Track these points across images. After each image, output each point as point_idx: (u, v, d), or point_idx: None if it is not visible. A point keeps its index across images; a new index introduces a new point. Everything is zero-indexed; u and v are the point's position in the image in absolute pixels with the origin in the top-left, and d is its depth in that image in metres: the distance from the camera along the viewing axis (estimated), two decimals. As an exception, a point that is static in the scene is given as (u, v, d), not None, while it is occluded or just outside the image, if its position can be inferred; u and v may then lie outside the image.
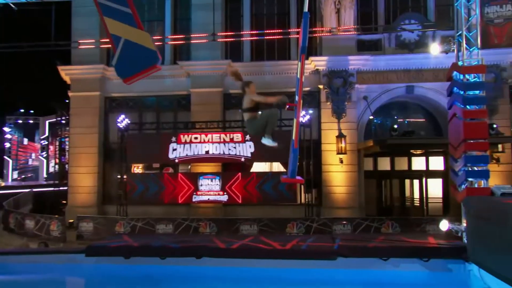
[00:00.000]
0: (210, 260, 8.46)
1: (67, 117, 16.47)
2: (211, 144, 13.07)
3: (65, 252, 9.11)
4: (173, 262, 8.44)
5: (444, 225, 8.27)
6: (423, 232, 10.90)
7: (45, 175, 44.59)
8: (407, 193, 14.54)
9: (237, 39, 14.18)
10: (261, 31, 13.99)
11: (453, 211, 12.55)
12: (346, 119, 13.66)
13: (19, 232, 12.70)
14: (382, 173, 14.50)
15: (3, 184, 36.86)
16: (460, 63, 7.97)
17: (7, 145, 49.87)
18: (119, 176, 13.41)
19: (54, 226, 12.09)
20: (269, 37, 13.98)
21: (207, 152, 13.10)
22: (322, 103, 13.96)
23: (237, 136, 13.03)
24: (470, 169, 7.61)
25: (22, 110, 51.45)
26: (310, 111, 14.32)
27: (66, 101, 16.23)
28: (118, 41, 6.35)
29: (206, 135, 13.10)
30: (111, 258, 8.45)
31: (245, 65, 14.39)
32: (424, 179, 14.19)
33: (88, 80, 14.43)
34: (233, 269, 8.35)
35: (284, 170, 13.73)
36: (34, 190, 19.53)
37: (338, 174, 13.60)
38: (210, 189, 13.03)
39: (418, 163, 14.39)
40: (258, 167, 14.37)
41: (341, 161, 13.53)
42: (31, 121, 51.51)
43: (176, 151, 13.12)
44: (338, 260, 7.89)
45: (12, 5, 10.93)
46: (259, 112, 5.39)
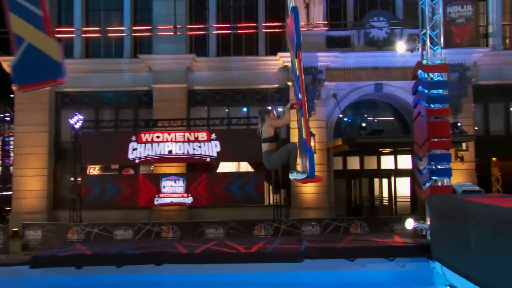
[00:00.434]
0: (171, 267, 8.28)
1: (12, 114, 15.45)
2: (175, 144, 12.76)
3: (8, 265, 8.56)
4: (131, 270, 8.18)
5: (410, 224, 8.57)
6: (391, 231, 11.27)
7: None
8: (376, 192, 14.97)
9: (203, 33, 13.97)
10: (228, 25, 13.89)
11: (420, 210, 13.04)
12: (316, 117, 13.82)
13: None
14: (352, 172, 14.83)
15: None
16: (425, 62, 8.28)
17: None
18: (73, 179, 12.78)
19: (-5, 236, 11.31)
20: (236, 31, 13.90)
21: (170, 152, 12.78)
22: (291, 101, 14.02)
23: (202, 135, 12.82)
24: (434, 168, 7.92)
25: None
26: (280, 109, 14.42)
27: (11, 96, 15.24)
28: (21, 43, 5.68)
29: (169, 134, 12.78)
30: (61, 269, 8.03)
31: (211, 60, 14.23)
32: (393, 178, 14.66)
33: (37, 73, 13.66)
34: (196, 275, 8.22)
35: (252, 170, 13.70)
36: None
37: (308, 174, 13.73)
38: (174, 191, 12.73)
39: (387, 162, 14.85)
40: (225, 167, 14.24)
41: (310, 161, 13.67)
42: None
43: (137, 151, 12.70)
44: (305, 262, 7.97)
45: None
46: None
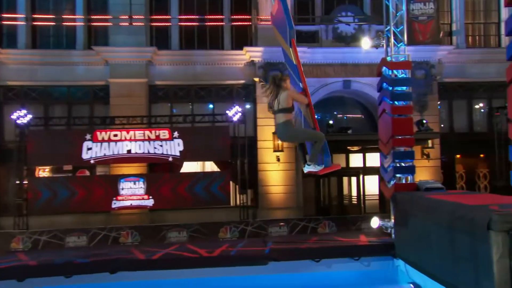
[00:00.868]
0: (127, 275, 8.02)
1: None
2: (134, 142, 12.38)
3: None
4: (81, 280, 7.84)
5: (375, 223, 8.81)
6: (359, 230, 11.55)
7: None
8: (345, 191, 15.30)
9: (164, 24, 13.64)
10: (191, 17, 13.65)
11: (388, 208, 13.39)
12: (283, 115, 13.88)
13: None
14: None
15: None
16: (389, 59, 8.52)
17: None
18: (18, 182, 12.07)
19: None
20: (200, 24, 13.69)
21: (129, 152, 12.38)
22: (258, 97, 14.03)
23: (164, 133, 12.52)
24: (398, 165, 8.18)
25: None
26: (248, 106, 14.39)
27: None
28: None
29: (128, 132, 12.38)
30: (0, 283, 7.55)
31: (173, 54, 13.92)
32: (362, 176, 15.03)
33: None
34: (153, 283, 8.02)
35: (218, 170, 13.58)
36: None
37: (275, 173, 13.82)
38: (133, 193, 12.36)
39: (356, 160, 15.20)
40: (189, 167, 14.01)
41: (278, 159, 13.76)
42: None
43: (92, 151, 12.20)
44: (270, 265, 7.99)
45: None
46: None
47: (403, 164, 8.14)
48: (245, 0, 14.33)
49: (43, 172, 13.30)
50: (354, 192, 15.16)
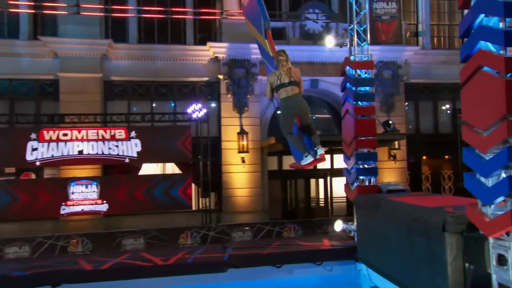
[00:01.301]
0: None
1: None
2: (86, 143, 11.90)
3: None
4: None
5: (339, 226, 8.91)
6: (325, 234, 11.66)
7: None
8: (313, 194, 15.45)
9: (121, 15, 13.20)
10: (151, 8, 13.30)
11: (355, 210, 13.74)
12: (249, 114, 13.85)
13: None
14: (287, 173, 15.08)
15: None
16: (352, 58, 8.66)
17: None
18: (-49, 186, 11.25)
19: None
20: (161, 16, 13.36)
21: (81, 152, 11.89)
22: (222, 96, 13.90)
23: (120, 133, 12.11)
24: (361, 167, 8.32)
25: None
26: (212, 105, 14.22)
27: None
28: None
29: (79, 131, 11.87)
30: None
31: (131, 48, 13.51)
32: (329, 178, 15.23)
33: None
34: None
35: (180, 172, 13.31)
36: None
37: (240, 175, 13.73)
38: (85, 198, 11.87)
39: (323, 162, 15.34)
40: (148, 169, 13.65)
41: (243, 161, 13.68)
42: None
43: (37, 151, 11.59)
44: (229, 272, 7.87)
45: None
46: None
47: (366, 166, 8.28)
48: (209, -6, 14.18)
49: (-18, 175, 12.48)
50: (322, 195, 15.34)
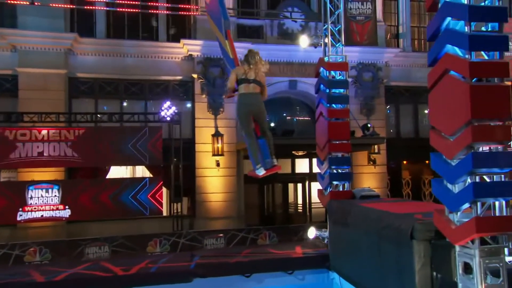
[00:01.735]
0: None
1: None
2: (47, 143, 11.55)
3: None
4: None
5: (312, 233, 8.88)
6: (301, 241, 11.63)
7: None
8: (291, 199, 15.42)
9: (88, 8, 12.87)
10: (121, 1, 13.02)
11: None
12: (224, 115, 13.72)
13: None
14: (264, 177, 14.96)
15: None
16: (326, 59, 8.67)
17: None
18: None
19: None
20: (132, 10, 13.11)
21: (41, 154, 11.52)
22: (197, 96, 13.74)
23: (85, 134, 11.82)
24: (335, 172, 8.31)
25: None
26: (188, 105, 14.04)
27: None
28: None
29: (40, 131, 11.51)
30: None
31: (99, 43, 13.19)
32: (308, 183, 15.24)
33: None
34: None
35: (151, 176, 13.07)
36: None
37: (214, 179, 13.57)
38: (45, 203, 11.49)
39: (302, 166, 15.39)
40: (117, 173, 13.36)
41: (218, 164, 13.54)
42: None
43: (-7, 152, 11.18)
44: (195, 282, 7.72)
45: None
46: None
47: (340, 171, 8.27)
48: (183, -11, 14.02)
49: None
50: (300, 200, 15.33)
